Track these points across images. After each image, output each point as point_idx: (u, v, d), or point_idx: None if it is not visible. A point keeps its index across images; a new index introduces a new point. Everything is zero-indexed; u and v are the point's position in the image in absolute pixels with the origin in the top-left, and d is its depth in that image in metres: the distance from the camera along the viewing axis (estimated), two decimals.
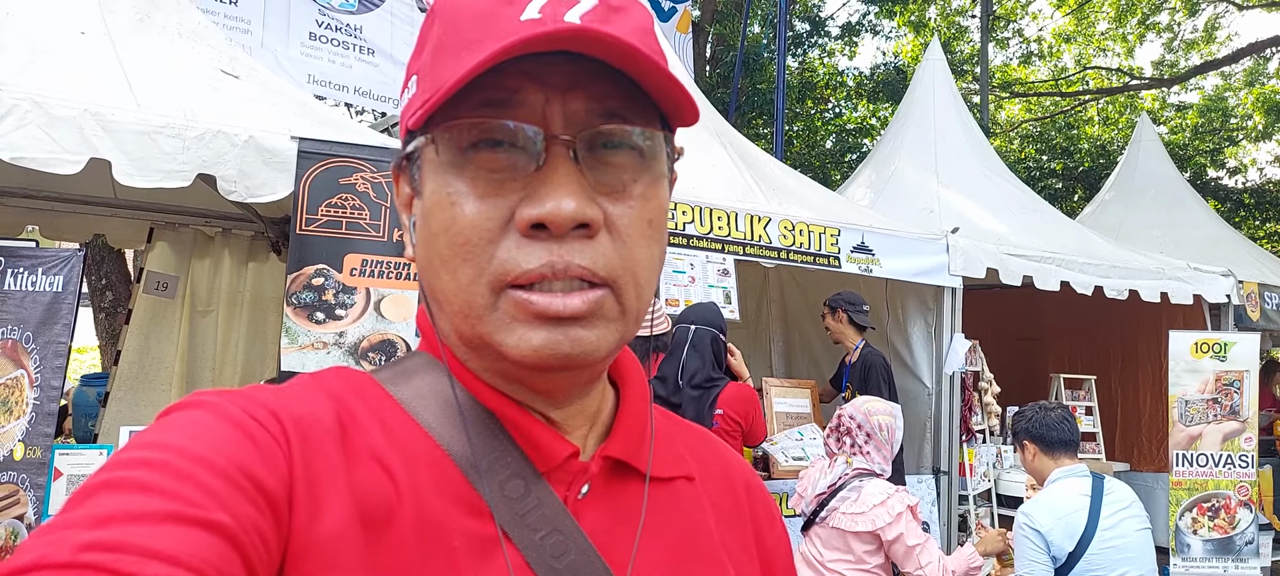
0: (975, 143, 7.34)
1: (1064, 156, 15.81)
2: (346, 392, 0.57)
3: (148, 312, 4.64)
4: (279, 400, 0.53)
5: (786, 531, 0.74)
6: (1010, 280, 5.42)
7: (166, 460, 0.46)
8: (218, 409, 0.51)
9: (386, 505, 0.52)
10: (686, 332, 3.52)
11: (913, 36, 16.70)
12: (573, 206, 0.51)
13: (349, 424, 0.55)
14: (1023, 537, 2.88)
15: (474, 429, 0.57)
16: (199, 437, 0.48)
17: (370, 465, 0.53)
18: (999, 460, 5.66)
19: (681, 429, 0.71)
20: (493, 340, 0.54)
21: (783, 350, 6.73)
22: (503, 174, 0.53)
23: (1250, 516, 6.04)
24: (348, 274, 3.19)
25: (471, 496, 0.55)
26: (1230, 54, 15.69)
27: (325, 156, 3.16)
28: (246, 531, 0.46)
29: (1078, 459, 3.00)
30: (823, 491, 2.90)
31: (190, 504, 0.44)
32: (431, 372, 0.60)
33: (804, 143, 14.64)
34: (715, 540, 0.65)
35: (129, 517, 0.43)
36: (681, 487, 0.65)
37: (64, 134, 2.78)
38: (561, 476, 0.58)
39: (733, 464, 0.73)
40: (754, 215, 4.53)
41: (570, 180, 0.52)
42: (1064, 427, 2.98)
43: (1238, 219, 14.33)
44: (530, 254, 0.52)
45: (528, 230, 0.52)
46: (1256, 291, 6.84)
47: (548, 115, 0.53)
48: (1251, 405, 6.05)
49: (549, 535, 0.55)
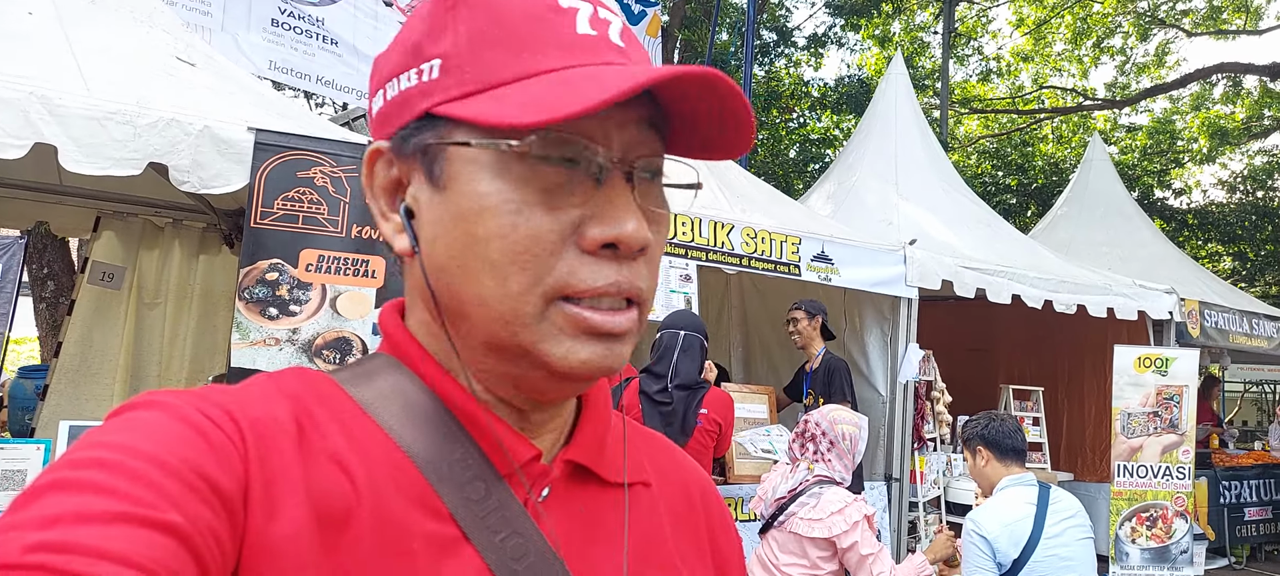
0: (934, 157, 7.47)
1: (1019, 172, 16.17)
2: (305, 393, 0.56)
3: (91, 304, 4.50)
4: (235, 400, 0.52)
5: (740, 539, 0.75)
6: (964, 292, 5.52)
7: (119, 460, 0.45)
8: (172, 408, 0.50)
9: (344, 506, 0.52)
10: (677, 337, 3.62)
11: (877, 50, 16.96)
12: (639, 230, 0.54)
13: (307, 425, 0.54)
14: (970, 543, 2.94)
15: (436, 431, 0.57)
16: (152, 437, 0.47)
17: (328, 466, 0.53)
18: (949, 468, 5.76)
19: (640, 436, 0.71)
20: (537, 349, 0.54)
21: (742, 356, 6.77)
22: (564, 188, 0.54)
23: (1186, 526, 6.23)
24: (303, 269, 3.13)
25: (431, 498, 0.55)
26: (1178, 78, 16.21)
27: (283, 149, 3.10)
28: (200, 533, 0.45)
29: (1025, 468, 3.07)
30: (782, 496, 2.92)
31: (142, 504, 0.44)
32: (393, 374, 0.59)
33: (768, 151, 14.76)
34: (670, 545, 0.65)
35: (79, 518, 0.42)
36: (639, 493, 0.66)
37: (8, 117, 2.69)
38: (522, 480, 0.58)
39: (689, 471, 0.74)
40: (717, 222, 4.55)
41: (633, 204, 0.55)
42: (1016, 436, 3.05)
43: (1182, 238, 14.80)
44: (598, 271, 0.54)
45: (598, 249, 0.54)
46: (1197, 309, 7.05)
47: (609, 137, 0.55)
48: (1190, 419, 6.24)
49: (509, 537, 0.55)
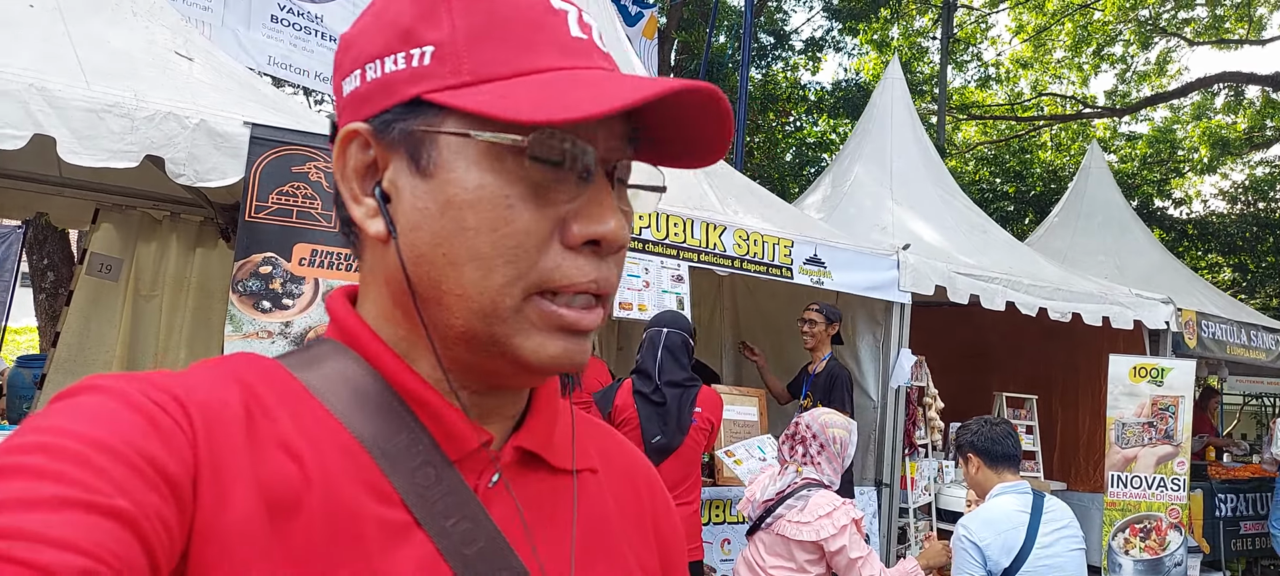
0: (930, 162, 7.48)
1: (1017, 180, 16.17)
2: (253, 378, 0.56)
3: (89, 295, 4.52)
4: (182, 385, 0.52)
5: (680, 523, 0.77)
6: (958, 298, 5.53)
7: (62, 444, 0.44)
8: (117, 393, 0.49)
9: (294, 492, 0.51)
10: (660, 335, 3.63)
11: (875, 55, 16.98)
12: (624, 230, 0.56)
13: (256, 410, 0.54)
14: (961, 550, 2.95)
15: (385, 416, 0.57)
16: (98, 422, 0.46)
17: (277, 452, 0.52)
18: (940, 475, 5.77)
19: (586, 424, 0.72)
20: (509, 343, 0.55)
21: (733, 358, 6.79)
22: (553, 185, 0.55)
23: (1180, 538, 6.23)
24: (296, 263, 3.15)
25: (382, 483, 0.55)
26: (1180, 87, 16.22)
27: (278, 144, 3.12)
28: (148, 517, 0.44)
29: (1019, 475, 3.07)
30: (770, 498, 2.94)
31: (88, 489, 0.43)
32: (341, 358, 0.59)
33: (764, 154, 14.77)
34: (616, 529, 0.67)
35: (22, 504, 0.41)
36: (586, 479, 0.67)
37: (8, 108, 2.71)
38: (473, 465, 0.59)
39: (634, 459, 0.76)
40: (710, 223, 4.56)
41: (614, 204, 0.57)
42: (1008, 442, 3.03)
43: (1181, 248, 14.79)
44: (580, 268, 0.55)
45: (581, 245, 0.55)
46: (1194, 320, 7.06)
47: (597, 138, 0.56)
48: (1185, 430, 6.24)
49: (459, 522, 0.56)
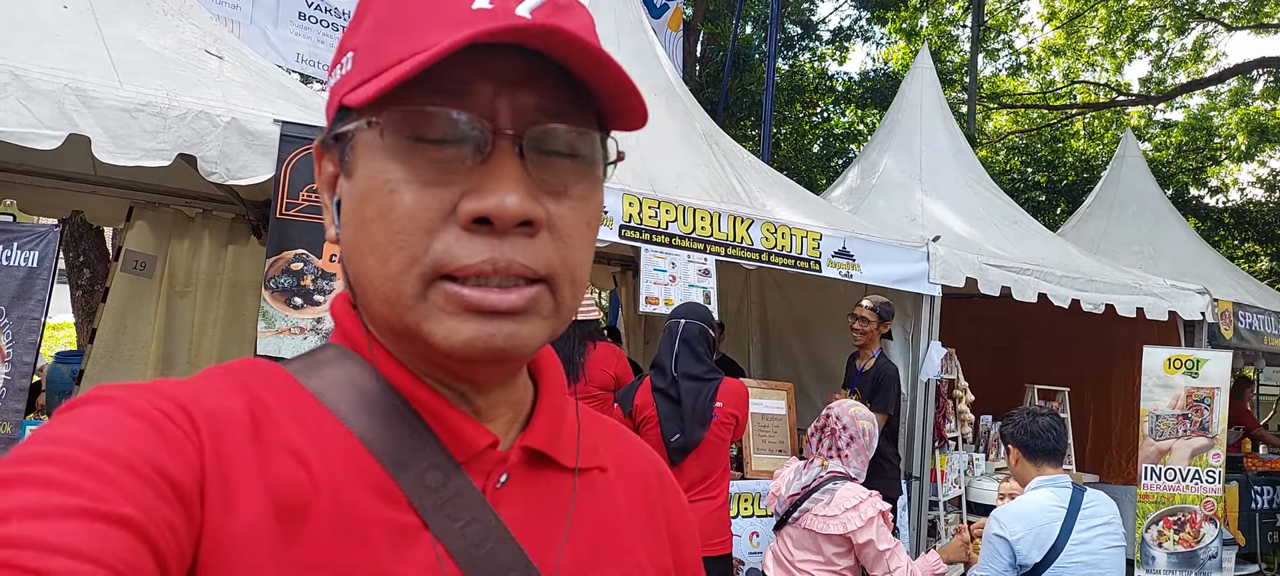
0: (960, 152, 7.39)
1: (1048, 169, 15.93)
2: (258, 385, 0.56)
3: (125, 291, 4.60)
4: (188, 393, 0.52)
5: (694, 520, 0.76)
6: (989, 290, 5.47)
7: (68, 454, 0.44)
8: (124, 402, 0.49)
9: (302, 498, 0.51)
10: (676, 326, 3.49)
11: (903, 44, 16.78)
12: (517, 203, 0.51)
13: (261, 417, 0.54)
14: (987, 541, 2.91)
15: (391, 419, 0.57)
16: (105, 431, 0.47)
17: (284, 458, 0.52)
18: (970, 467, 5.71)
19: (595, 421, 0.71)
20: (421, 330, 0.54)
21: (761, 352, 6.76)
22: (445, 164, 0.52)
23: (1215, 531, 6.12)
24: (327, 260, 3.18)
25: (389, 487, 0.54)
26: (1217, 73, 15.86)
27: (308, 141, 3.15)
28: (156, 525, 0.44)
29: (1061, 469, 2.98)
30: (796, 492, 2.93)
31: (95, 498, 0.43)
32: (346, 363, 0.59)
33: (791, 145, 14.67)
34: (627, 527, 0.66)
35: (29, 513, 0.41)
36: (595, 478, 0.66)
37: (44, 108, 2.76)
38: (480, 466, 0.58)
39: (644, 455, 0.75)
40: (737, 217, 4.54)
41: (516, 176, 0.52)
42: (1049, 437, 2.96)
43: (1217, 238, 14.50)
44: (472, 248, 0.52)
45: (470, 224, 0.52)
46: (1231, 310, 6.93)
47: (495, 108, 0.53)
48: (1221, 422, 6.13)
49: (468, 524, 0.55)
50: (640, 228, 4.21)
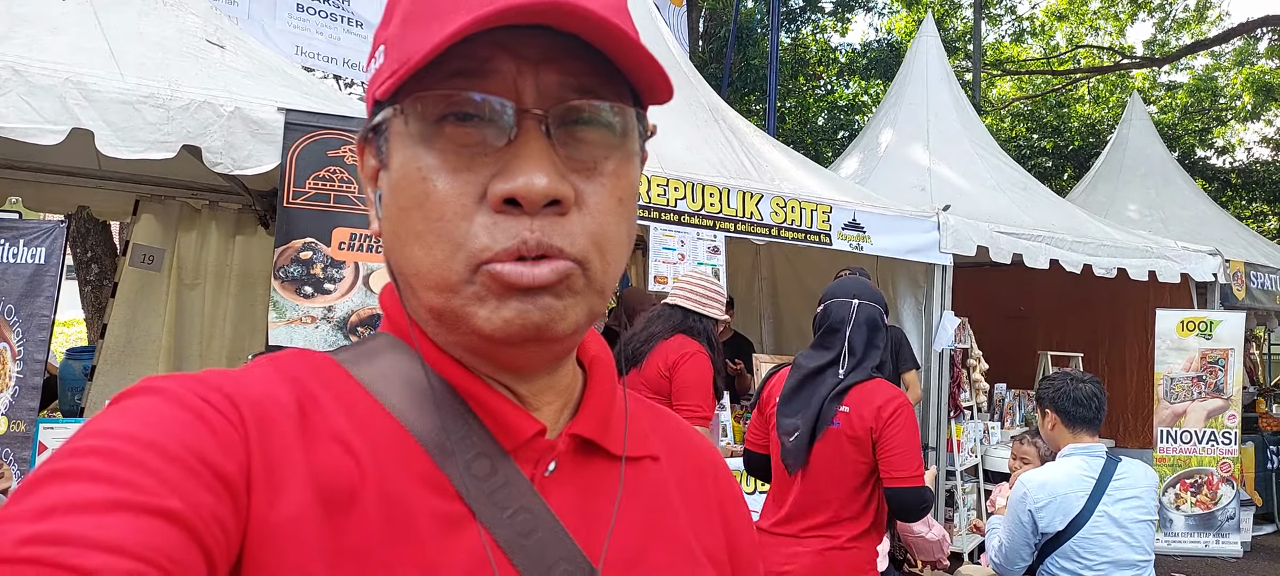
0: (967, 120, 7.33)
1: (1054, 135, 15.82)
2: (306, 375, 0.56)
3: (134, 286, 4.59)
4: (234, 384, 0.52)
5: (750, 512, 0.75)
6: (1000, 258, 5.44)
7: (115, 447, 0.44)
8: (170, 394, 0.49)
9: (349, 486, 0.51)
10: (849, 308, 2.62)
11: (906, 12, 16.63)
12: (545, 182, 0.51)
13: (309, 406, 0.54)
14: (1012, 507, 2.86)
15: (438, 408, 0.56)
16: (151, 423, 0.47)
17: (331, 447, 0.52)
18: (986, 436, 5.70)
19: (647, 409, 0.70)
20: (465, 314, 0.54)
21: (772, 326, 6.75)
22: (474, 148, 0.52)
23: (1232, 492, 6.11)
24: (336, 248, 3.16)
25: (437, 476, 0.54)
26: (1221, 33, 15.68)
27: (313, 128, 3.12)
28: (202, 518, 0.44)
29: (1096, 438, 2.85)
30: None
31: (141, 491, 0.43)
32: (395, 353, 0.59)
33: (796, 119, 14.58)
34: (681, 518, 0.65)
35: (74, 507, 0.42)
36: (647, 467, 0.65)
37: (45, 103, 2.73)
38: (528, 454, 0.58)
39: (700, 445, 0.73)
40: (746, 192, 4.51)
41: (542, 155, 0.52)
42: (1091, 404, 2.82)
43: (1225, 198, 14.41)
44: (503, 231, 0.52)
45: (500, 205, 0.51)
46: (1242, 270, 6.89)
47: (520, 88, 0.52)
48: (1235, 383, 6.11)
49: (516, 513, 0.55)
50: (649, 206, 4.18)
